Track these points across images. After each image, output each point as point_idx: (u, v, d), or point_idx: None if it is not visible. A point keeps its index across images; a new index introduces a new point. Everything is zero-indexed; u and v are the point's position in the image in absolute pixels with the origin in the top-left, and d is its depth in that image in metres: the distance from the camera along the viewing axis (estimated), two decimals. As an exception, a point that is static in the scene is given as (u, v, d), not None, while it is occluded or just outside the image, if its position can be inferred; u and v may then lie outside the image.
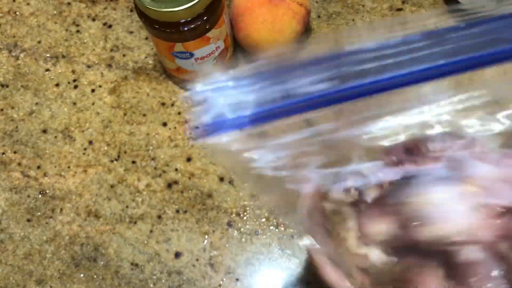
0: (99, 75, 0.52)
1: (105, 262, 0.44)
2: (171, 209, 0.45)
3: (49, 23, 0.56)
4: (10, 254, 0.45)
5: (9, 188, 0.48)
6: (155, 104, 0.50)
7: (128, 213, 0.46)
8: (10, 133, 0.50)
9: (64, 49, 0.54)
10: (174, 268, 0.43)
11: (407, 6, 0.53)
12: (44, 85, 0.53)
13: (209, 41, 0.43)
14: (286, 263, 0.43)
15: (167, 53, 0.44)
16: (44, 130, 0.50)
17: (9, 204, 0.47)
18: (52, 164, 0.48)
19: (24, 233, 0.46)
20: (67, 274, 0.44)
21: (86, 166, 0.48)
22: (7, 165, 0.49)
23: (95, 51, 0.54)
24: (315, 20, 0.53)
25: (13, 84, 0.53)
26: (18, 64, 0.54)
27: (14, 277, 0.44)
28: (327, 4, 0.54)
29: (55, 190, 0.47)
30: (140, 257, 0.44)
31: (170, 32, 0.41)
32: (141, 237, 0.44)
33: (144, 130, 0.49)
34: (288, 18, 0.46)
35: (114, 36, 0.54)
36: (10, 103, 0.52)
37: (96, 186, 0.47)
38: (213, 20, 0.42)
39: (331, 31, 0.52)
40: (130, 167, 0.47)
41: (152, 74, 0.52)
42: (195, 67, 0.46)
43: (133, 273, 0.43)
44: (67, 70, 0.53)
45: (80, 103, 0.51)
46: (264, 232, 0.44)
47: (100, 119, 0.50)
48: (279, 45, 0.48)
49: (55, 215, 0.46)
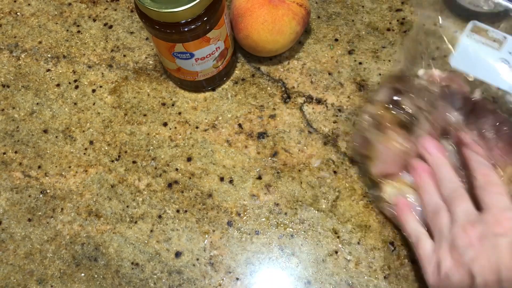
0: (100, 76, 0.53)
1: (106, 261, 0.44)
2: (171, 209, 0.45)
3: (50, 23, 0.56)
4: (11, 254, 0.45)
5: (10, 188, 0.48)
6: (156, 104, 0.50)
7: (129, 212, 0.46)
8: (11, 133, 0.51)
9: (65, 50, 0.55)
10: (174, 267, 0.43)
11: (406, 7, 0.53)
12: (45, 85, 0.53)
13: (209, 42, 0.43)
14: (286, 262, 0.43)
15: (167, 54, 0.44)
16: (45, 130, 0.50)
17: (10, 203, 0.47)
18: (53, 164, 0.49)
19: (25, 233, 0.46)
20: (68, 274, 0.44)
21: (87, 166, 0.48)
22: (8, 165, 0.49)
23: (96, 51, 0.54)
24: (315, 20, 0.53)
25: (14, 84, 0.53)
26: (19, 64, 0.54)
27: (15, 277, 0.44)
28: (326, 5, 0.54)
29: (56, 190, 0.47)
30: (141, 256, 0.44)
31: (170, 33, 0.41)
32: (141, 237, 0.45)
33: (144, 130, 0.49)
34: (288, 18, 0.46)
35: (115, 36, 0.55)
36: (11, 103, 0.52)
37: (96, 186, 0.47)
38: (214, 20, 0.42)
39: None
40: (131, 167, 0.48)
41: (152, 75, 0.52)
42: (195, 68, 0.46)
43: (134, 272, 0.43)
44: (68, 71, 0.53)
45: (81, 103, 0.51)
46: (264, 232, 0.44)
47: (101, 119, 0.50)
48: (279, 46, 0.48)
49: (56, 214, 0.46)
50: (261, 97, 0.50)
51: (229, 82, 0.51)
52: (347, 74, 0.50)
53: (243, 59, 0.52)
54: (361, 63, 0.51)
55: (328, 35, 0.52)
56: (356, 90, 0.49)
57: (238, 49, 0.52)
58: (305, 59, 0.51)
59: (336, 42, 0.52)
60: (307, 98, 0.49)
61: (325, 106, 0.49)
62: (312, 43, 0.52)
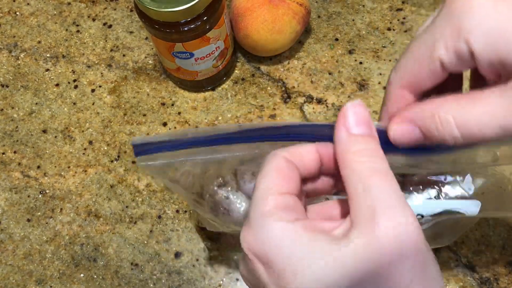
0: (99, 75, 0.52)
1: (105, 262, 0.44)
2: (171, 209, 0.45)
3: (49, 23, 0.56)
4: (10, 254, 0.45)
5: (9, 188, 0.48)
6: (155, 104, 0.50)
7: (128, 213, 0.46)
8: (10, 133, 0.50)
9: (64, 49, 0.54)
10: (174, 268, 0.43)
11: (407, 6, 0.53)
12: (44, 85, 0.53)
13: (209, 41, 0.43)
14: (286, 263, 0.42)
15: (167, 53, 0.44)
16: (44, 130, 0.50)
17: (9, 204, 0.47)
18: (52, 164, 0.48)
19: (24, 233, 0.46)
20: (67, 274, 0.44)
21: (86, 166, 0.48)
22: (7, 165, 0.49)
23: (95, 51, 0.54)
24: (315, 20, 0.53)
25: (13, 84, 0.53)
26: (18, 64, 0.54)
27: (14, 277, 0.44)
28: (327, 4, 0.54)
29: (55, 190, 0.47)
30: (140, 257, 0.44)
31: (170, 32, 0.41)
32: (141, 237, 0.44)
33: (144, 130, 0.49)
34: (288, 18, 0.46)
35: (114, 36, 0.54)
36: (10, 103, 0.52)
37: (96, 186, 0.47)
38: (213, 20, 0.42)
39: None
40: (130, 167, 0.47)
41: (152, 74, 0.52)
42: (195, 67, 0.46)
43: (133, 273, 0.43)
44: (67, 70, 0.53)
45: (80, 103, 0.51)
46: (264, 232, 0.44)
47: (100, 119, 0.50)
48: (279, 45, 0.48)
49: (55, 215, 0.46)
50: (261, 97, 0.50)
51: (229, 82, 0.51)
52: (347, 73, 0.50)
53: (243, 58, 0.52)
54: (361, 63, 0.50)
55: (328, 35, 0.52)
56: (356, 90, 0.49)
57: (238, 48, 0.52)
58: (305, 58, 0.51)
59: (336, 41, 0.52)
60: (307, 98, 0.49)
61: (326, 106, 0.49)
62: (312, 42, 0.52)
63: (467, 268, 0.42)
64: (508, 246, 0.42)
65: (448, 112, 0.22)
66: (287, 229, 0.22)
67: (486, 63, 0.22)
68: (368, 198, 0.22)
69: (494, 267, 0.42)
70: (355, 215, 0.22)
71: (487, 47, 0.21)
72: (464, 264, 0.42)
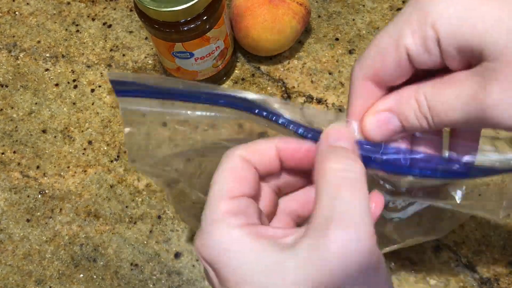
0: (99, 75, 0.52)
1: (105, 262, 0.44)
2: (171, 209, 0.45)
3: (49, 23, 0.56)
4: (9, 254, 0.45)
5: (8, 188, 0.48)
6: (155, 104, 0.50)
7: (128, 213, 0.45)
8: (10, 133, 0.50)
9: (63, 49, 0.54)
10: (174, 268, 0.43)
11: (407, 6, 0.53)
12: (44, 85, 0.52)
13: (209, 41, 0.43)
14: (286, 263, 0.42)
15: (167, 53, 0.44)
16: (43, 130, 0.50)
17: (8, 204, 0.47)
18: (51, 164, 0.48)
19: (23, 233, 0.46)
20: (67, 274, 0.44)
21: (86, 166, 0.48)
22: (7, 165, 0.49)
23: (95, 51, 0.54)
24: (315, 19, 0.53)
25: (12, 84, 0.53)
26: (18, 64, 0.54)
27: (13, 277, 0.44)
28: (327, 4, 0.54)
29: (54, 190, 0.47)
30: (140, 257, 0.44)
31: (170, 32, 0.41)
32: (140, 237, 0.44)
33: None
34: (288, 18, 0.45)
35: (114, 36, 0.54)
36: (9, 103, 0.52)
37: (95, 186, 0.47)
38: (213, 20, 0.41)
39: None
40: (130, 167, 0.47)
41: (152, 74, 0.52)
42: (195, 67, 0.46)
43: (133, 273, 0.43)
44: (66, 70, 0.53)
45: (80, 103, 0.51)
46: (264, 232, 0.44)
47: (100, 119, 0.50)
48: (279, 45, 0.48)
49: (54, 215, 0.46)
50: (261, 97, 0.50)
51: (229, 82, 0.51)
52: (347, 73, 0.50)
53: (243, 58, 0.52)
54: (361, 63, 0.50)
55: (328, 35, 0.52)
56: (356, 90, 0.49)
57: (238, 48, 0.52)
58: (306, 58, 0.51)
59: (336, 41, 0.52)
60: (308, 97, 0.49)
61: (326, 106, 0.49)
62: (312, 42, 0.52)
63: (468, 268, 0.42)
64: (508, 246, 0.42)
65: (425, 94, 0.22)
66: (234, 236, 0.22)
67: (453, 50, 0.21)
68: (328, 208, 0.21)
69: (494, 267, 0.41)
70: (312, 223, 0.21)
71: (453, 33, 0.21)
72: (464, 264, 0.42)
